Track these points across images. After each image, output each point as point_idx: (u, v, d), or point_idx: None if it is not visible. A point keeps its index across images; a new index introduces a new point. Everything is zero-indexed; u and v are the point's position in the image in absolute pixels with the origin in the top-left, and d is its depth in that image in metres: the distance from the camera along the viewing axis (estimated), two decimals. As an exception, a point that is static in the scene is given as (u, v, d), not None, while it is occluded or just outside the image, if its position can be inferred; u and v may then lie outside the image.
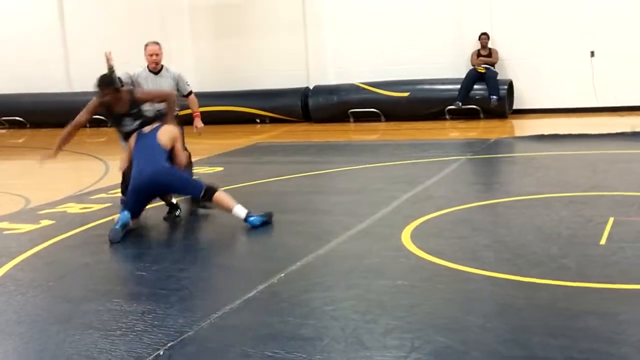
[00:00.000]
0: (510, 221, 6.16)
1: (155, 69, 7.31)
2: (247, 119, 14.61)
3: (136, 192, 6.21)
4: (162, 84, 7.24)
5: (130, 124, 6.57)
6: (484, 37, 13.54)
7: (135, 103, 6.56)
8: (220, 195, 6.26)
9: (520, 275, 4.59)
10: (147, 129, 6.51)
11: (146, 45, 7.36)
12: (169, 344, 3.80)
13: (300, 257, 5.23)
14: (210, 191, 6.23)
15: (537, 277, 4.53)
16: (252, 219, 6.12)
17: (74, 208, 7.35)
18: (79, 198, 7.95)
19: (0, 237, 6.39)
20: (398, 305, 4.27)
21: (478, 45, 13.59)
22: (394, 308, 4.22)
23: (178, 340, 3.86)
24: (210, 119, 14.57)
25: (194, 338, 3.90)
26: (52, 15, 16.40)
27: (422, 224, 6.01)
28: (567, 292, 4.30)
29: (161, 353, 3.70)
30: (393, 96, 13.80)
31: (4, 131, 15.95)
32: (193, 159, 10.26)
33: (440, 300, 4.34)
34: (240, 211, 6.17)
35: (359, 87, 14.08)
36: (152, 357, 3.66)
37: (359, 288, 4.58)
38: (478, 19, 13.73)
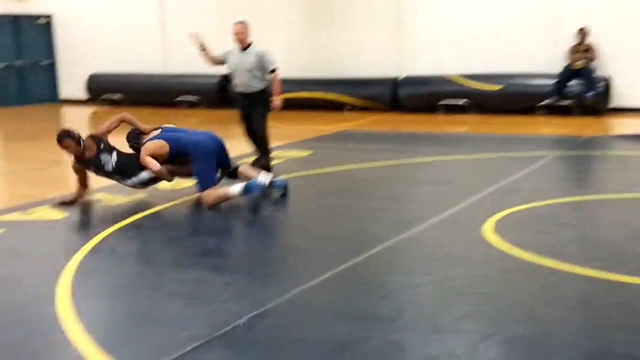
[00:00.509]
0: (598, 218, 6.06)
1: (242, 46, 8.20)
2: (336, 106, 14.73)
3: (208, 157, 6.66)
4: (246, 60, 8.15)
5: (109, 159, 6.80)
6: (582, 31, 13.19)
7: (100, 140, 6.83)
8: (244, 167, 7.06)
9: (605, 272, 4.53)
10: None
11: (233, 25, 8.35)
12: (250, 314, 3.96)
13: (381, 241, 5.31)
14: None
15: (622, 275, 4.46)
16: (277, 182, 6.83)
17: (164, 184, 7.64)
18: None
19: (98, 208, 6.72)
20: (475, 293, 4.29)
21: (576, 40, 13.25)
22: (471, 296, 4.24)
23: (259, 311, 4.01)
24: (300, 105, 14.85)
25: (274, 311, 4.04)
26: (152, 2, 16.96)
27: (505, 217, 5.98)
28: (651, 291, 4.23)
29: (242, 322, 3.86)
30: (485, 89, 13.64)
31: (104, 108, 16.60)
32: (283, 142, 10.49)
33: (519, 292, 4.34)
34: (264, 178, 6.72)
35: (450, 78, 13.97)
36: (232, 325, 3.82)
37: (438, 275, 4.62)
38: (577, 13, 13.37)
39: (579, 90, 12.89)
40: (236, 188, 6.52)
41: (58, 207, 6.61)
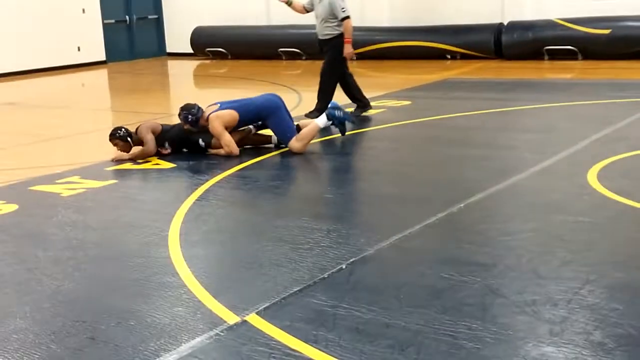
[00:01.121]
0: None
1: None
2: (438, 55, 14.53)
3: (280, 111, 6.96)
4: (319, 9, 8.47)
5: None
6: (700, -31, 12.44)
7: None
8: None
9: None
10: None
11: None
12: (351, 260, 4.09)
13: (482, 189, 5.32)
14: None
15: None
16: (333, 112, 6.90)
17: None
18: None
19: (204, 157, 6.97)
20: (577, 240, 4.28)
21: (693, -21, 12.53)
22: (573, 242, 4.23)
23: (360, 257, 4.14)
24: (402, 54, 14.74)
25: (375, 256, 4.16)
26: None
27: (611, 164, 5.85)
28: None
29: (344, 267, 4.00)
30: (593, 33, 13.13)
31: (208, 61, 17.01)
32: (384, 92, 10.51)
33: (622, 239, 4.30)
34: (322, 120, 6.90)
35: (555, 23, 13.51)
36: (335, 269, 3.97)
37: (538, 222, 4.62)
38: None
39: (695, 31, 12.23)
40: (320, 120, 6.73)
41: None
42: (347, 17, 8.38)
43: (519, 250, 4.14)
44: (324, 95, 8.52)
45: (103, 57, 17.23)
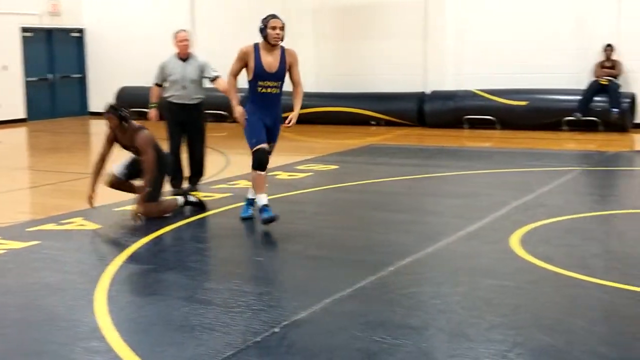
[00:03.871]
0: (623, 233, 6.13)
1: (184, 56, 8.00)
2: (362, 121, 14.86)
3: None
4: (189, 70, 7.93)
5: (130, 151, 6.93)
6: (608, 48, 13.24)
7: (132, 140, 6.78)
8: (262, 176, 6.38)
9: (630, 285, 4.61)
10: None
11: (176, 33, 8.09)
12: (283, 323, 4.08)
13: (410, 253, 5.42)
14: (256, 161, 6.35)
15: (646, 288, 4.55)
16: (266, 211, 6.30)
17: (197, 195, 7.80)
18: (201, 187, 8.42)
19: (131, 219, 6.88)
20: (503, 304, 4.40)
21: (602, 57, 13.30)
22: (500, 306, 4.35)
23: (292, 320, 4.13)
24: (327, 119, 15.01)
25: (307, 320, 4.17)
26: (184, 15, 17.26)
27: (532, 230, 6.07)
28: (676, 304, 4.30)
29: (277, 330, 3.99)
30: (510, 104, 13.71)
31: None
32: (311, 156, 10.64)
33: (546, 302, 4.44)
34: (262, 200, 6.37)
35: (475, 93, 14.07)
36: (268, 333, 3.95)
37: (466, 286, 4.73)
38: (603, 30, 13.43)
39: (604, 106, 12.93)
40: (263, 200, 6.46)
41: (90, 203, 6.91)
42: (219, 75, 7.91)
43: (449, 313, 4.22)
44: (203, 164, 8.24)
45: (24, 115, 16.90)
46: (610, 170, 9.40)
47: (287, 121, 6.53)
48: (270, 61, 6.30)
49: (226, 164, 10.25)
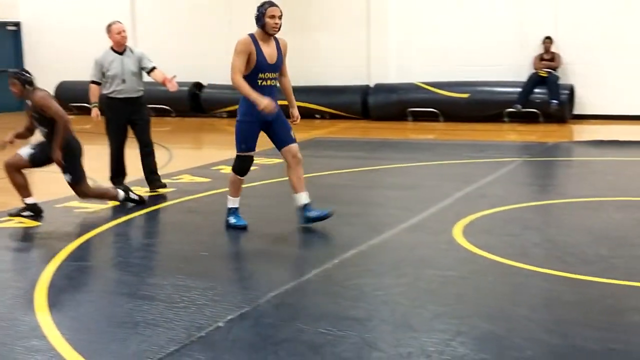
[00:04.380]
0: (562, 221, 6.28)
1: (121, 49, 7.64)
2: (307, 114, 14.83)
3: None
4: (127, 63, 7.57)
5: (39, 128, 6.61)
6: (547, 41, 13.51)
7: (34, 106, 6.47)
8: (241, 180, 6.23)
9: (568, 272, 4.72)
10: None
11: (112, 25, 7.69)
12: (228, 317, 4.06)
13: (354, 245, 5.44)
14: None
15: (584, 275, 4.65)
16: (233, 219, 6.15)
17: (139, 191, 7.70)
18: (144, 182, 8.31)
19: (72, 216, 6.75)
20: (446, 293, 4.45)
21: (541, 49, 13.57)
22: (443, 296, 4.40)
23: (237, 314, 4.11)
24: (271, 113, 14.97)
25: (252, 313, 4.15)
26: (124, 11, 16.98)
27: (474, 221, 6.16)
28: (613, 290, 4.42)
29: (221, 325, 3.96)
30: (453, 97, 13.89)
31: (73, 117, 16.52)
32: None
33: (488, 292, 4.51)
34: (235, 203, 6.19)
35: (419, 86, 14.20)
36: (212, 327, 3.92)
37: (409, 276, 4.77)
38: (542, 23, 13.70)
39: (544, 98, 13.20)
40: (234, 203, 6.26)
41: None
42: (156, 67, 7.71)
43: (392, 304, 4.26)
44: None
45: (-41, 110, 16.45)
46: (549, 161, 9.60)
47: (294, 118, 6.38)
48: (269, 52, 5.95)
49: (169, 159, 10.14)
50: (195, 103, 15.72)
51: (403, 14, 14.78)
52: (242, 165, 6.12)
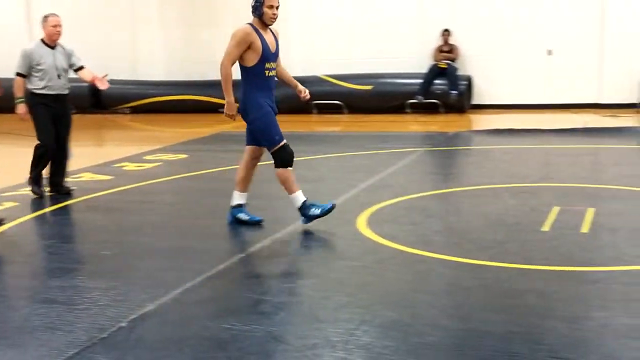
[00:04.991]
0: (461, 209, 6.46)
1: (53, 43, 7.20)
2: (213, 109, 14.72)
3: None
4: (59, 58, 7.20)
5: None
6: (445, 33, 13.85)
7: None
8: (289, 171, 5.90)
9: (468, 258, 4.86)
10: None
11: (47, 17, 7.21)
12: (131, 317, 3.99)
13: (260, 239, 5.44)
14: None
15: (483, 260, 4.80)
16: (315, 207, 5.81)
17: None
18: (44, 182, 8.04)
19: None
20: (351, 283, 4.51)
21: (440, 41, 13.89)
22: (348, 286, 4.46)
23: (140, 313, 4.04)
24: (177, 108, 14.75)
25: (156, 312, 4.09)
26: (19, 1, 16.36)
27: (378, 211, 6.26)
28: (509, 273, 4.58)
29: (124, 325, 3.89)
30: (356, 89, 14.05)
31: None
32: (159, 146, 10.44)
33: (391, 280, 4.60)
34: (301, 197, 5.85)
35: (322, 79, 14.29)
36: (115, 328, 3.84)
37: (315, 268, 4.82)
38: (441, 16, 14.04)
39: (444, 89, 13.53)
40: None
41: None
42: (84, 65, 7.39)
43: (299, 296, 4.28)
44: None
45: None
46: (450, 150, 9.86)
47: (305, 93, 6.23)
48: (270, 40, 5.78)
49: (69, 157, 9.81)
50: (96, 99, 15.32)
51: (305, 7, 14.83)
52: (287, 154, 5.77)
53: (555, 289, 4.23)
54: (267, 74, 5.76)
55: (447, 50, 13.80)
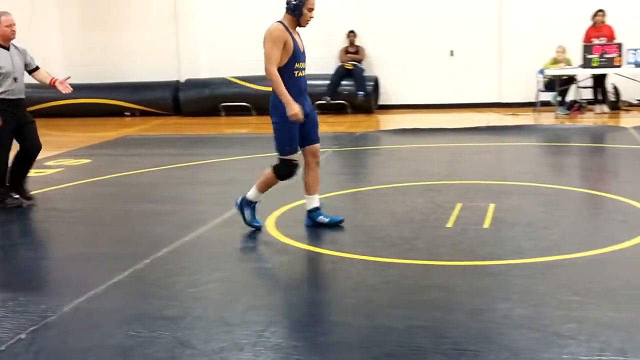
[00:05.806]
0: (369, 207, 6.54)
1: (7, 44, 6.69)
2: (116, 112, 14.43)
3: None
4: (16, 60, 6.72)
5: None
6: (351, 34, 14.00)
7: None
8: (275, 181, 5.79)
9: (374, 256, 4.93)
10: None
11: (0, 16, 6.62)
12: (31, 328, 3.85)
13: (167, 244, 5.36)
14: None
15: (389, 257, 4.88)
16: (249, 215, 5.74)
17: None
18: None
19: None
20: (259, 285, 4.51)
21: (346, 43, 14.04)
22: (256, 288, 4.45)
23: (41, 324, 3.91)
24: (79, 112, 14.36)
25: (58, 322, 3.97)
26: None
27: (286, 212, 6.27)
28: (414, 269, 4.67)
29: (23, 337, 3.75)
30: (264, 90, 13.96)
31: None
32: (59, 151, 10.14)
33: (299, 280, 4.62)
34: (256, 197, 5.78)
35: (230, 81, 14.21)
36: (13, 340, 3.71)
37: (223, 271, 4.77)
38: (346, 17, 14.18)
39: (351, 90, 13.68)
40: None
41: None
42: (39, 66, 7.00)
43: (206, 300, 4.24)
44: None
45: None
46: (358, 150, 9.98)
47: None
48: (299, 40, 5.64)
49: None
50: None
51: (210, 8, 14.73)
52: (287, 171, 5.64)
53: (458, 283, 4.34)
54: (297, 74, 5.60)
55: (353, 51, 13.95)
